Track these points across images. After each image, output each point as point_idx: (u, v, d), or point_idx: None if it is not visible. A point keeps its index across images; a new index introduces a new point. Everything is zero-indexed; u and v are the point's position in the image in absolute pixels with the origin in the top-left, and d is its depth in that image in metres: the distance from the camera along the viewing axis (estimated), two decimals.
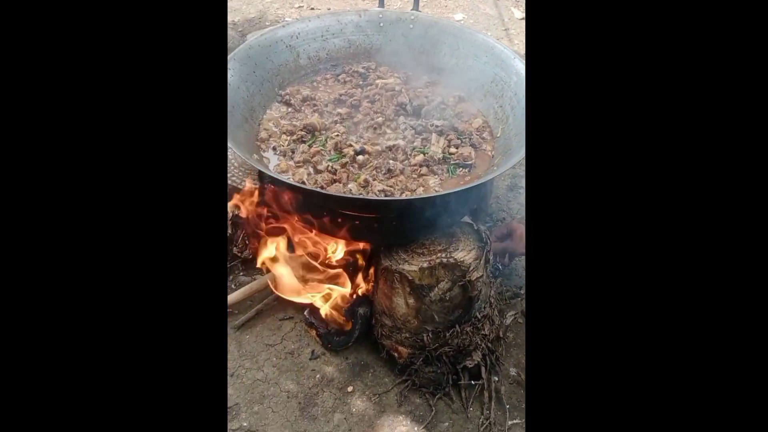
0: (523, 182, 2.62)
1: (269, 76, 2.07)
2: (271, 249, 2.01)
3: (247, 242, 2.16)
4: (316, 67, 2.21)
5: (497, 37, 3.50)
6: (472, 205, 1.91)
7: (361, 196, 1.69)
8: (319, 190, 1.69)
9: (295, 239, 1.98)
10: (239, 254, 2.17)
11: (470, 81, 2.13)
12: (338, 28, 2.22)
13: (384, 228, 1.76)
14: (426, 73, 2.21)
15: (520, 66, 1.98)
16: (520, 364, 1.96)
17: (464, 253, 1.74)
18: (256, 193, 2.05)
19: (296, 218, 1.91)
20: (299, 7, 3.76)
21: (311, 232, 1.92)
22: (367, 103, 2.07)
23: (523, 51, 3.43)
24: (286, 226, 1.98)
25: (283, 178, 1.74)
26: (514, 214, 2.46)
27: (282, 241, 2.01)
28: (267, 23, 3.51)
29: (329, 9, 3.69)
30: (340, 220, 1.74)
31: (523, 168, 2.68)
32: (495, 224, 2.37)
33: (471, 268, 1.73)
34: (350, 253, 1.98)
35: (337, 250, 1.96)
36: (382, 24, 2.23)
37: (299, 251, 2.00)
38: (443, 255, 1.73)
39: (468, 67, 2.14)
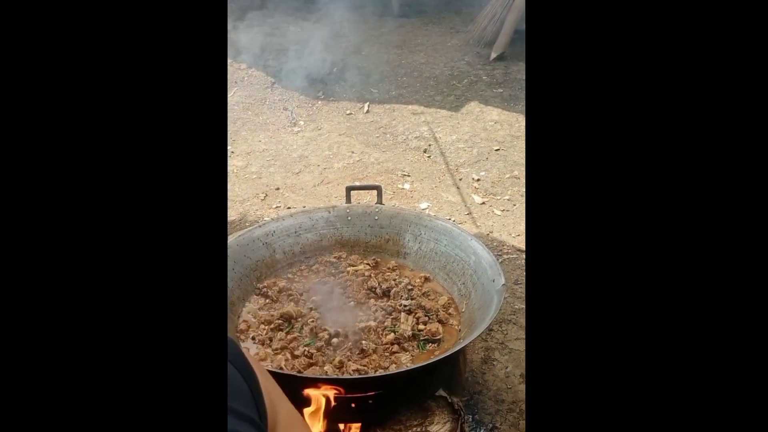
0: (496, 354, 2.72)
1: (247, 272, 2.25)
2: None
3: None
4: (291, 260, 2.40)
5: (461, 221, 3.79)
6: (445, 378, 2.00)
7: (335, 377, 1.78)
8: (296, 374, 1.78)
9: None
10: None
11: (433, 263, 2.32)
12: (310, 224, 2.45)
13: (361, 407, 1.83)
14: (392, 258, 2.41)
15: (477, 246, 2.18)
16: None
17: (439, 426, 1.80)
18: None
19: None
20: (277, 207, 4.07)
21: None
22: (339, 289, 2.23)
23: (485, 232, 3.70)
24: None
25: (263, 365, 1.83)
26: (490, 386, 2.52)
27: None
28: (247, 224, 3.77)
29: (304, 207, 4.00)
30: None
31: (495, 341, 2.80)
32: (471, 397, 2.43)
33: None
34: None
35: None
36: (349, 218, 2.46)
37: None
38: (419, 430, 1.79)
39: (430, 250, 2.34)
